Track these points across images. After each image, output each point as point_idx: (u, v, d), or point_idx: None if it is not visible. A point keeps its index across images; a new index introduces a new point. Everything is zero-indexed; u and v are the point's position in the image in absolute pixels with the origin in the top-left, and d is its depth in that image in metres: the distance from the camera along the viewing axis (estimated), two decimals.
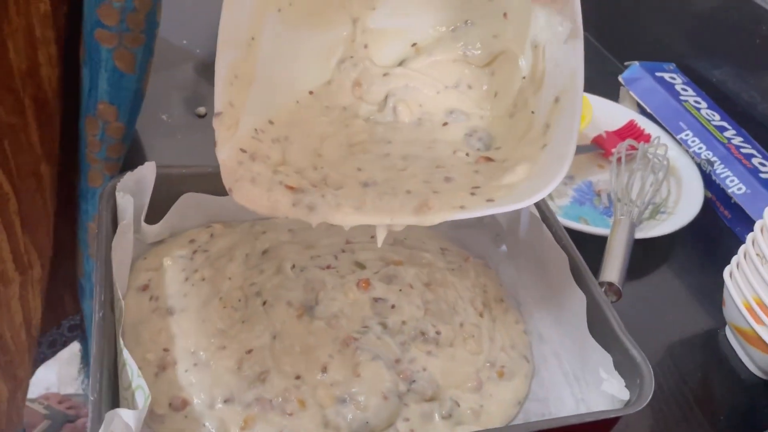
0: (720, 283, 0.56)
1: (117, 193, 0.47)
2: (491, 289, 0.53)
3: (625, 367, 0.44)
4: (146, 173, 0.49)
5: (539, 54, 0.41)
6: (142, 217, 0.50)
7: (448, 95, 0.47)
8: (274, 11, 0.43)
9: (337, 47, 0.47)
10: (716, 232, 0.69)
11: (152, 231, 0.51)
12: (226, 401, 0.42)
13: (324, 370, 0.44)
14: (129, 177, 0.48)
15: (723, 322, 0.58)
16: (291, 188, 0.40)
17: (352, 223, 0.39)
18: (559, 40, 0.39)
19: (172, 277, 0.49)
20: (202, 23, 0.79)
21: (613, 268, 0.55)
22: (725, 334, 0.59)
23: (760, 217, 0.64)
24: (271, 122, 0.45)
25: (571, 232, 0.52)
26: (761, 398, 0.55)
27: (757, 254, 0.52)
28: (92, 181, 0.58)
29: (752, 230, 0.54)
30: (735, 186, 0.68)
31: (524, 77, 0.43)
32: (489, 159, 0.43)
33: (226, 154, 0.40)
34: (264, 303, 0.48)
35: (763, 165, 0.70)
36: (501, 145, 0.44)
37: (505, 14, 0.45)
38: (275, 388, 0.42)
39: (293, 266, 0.51)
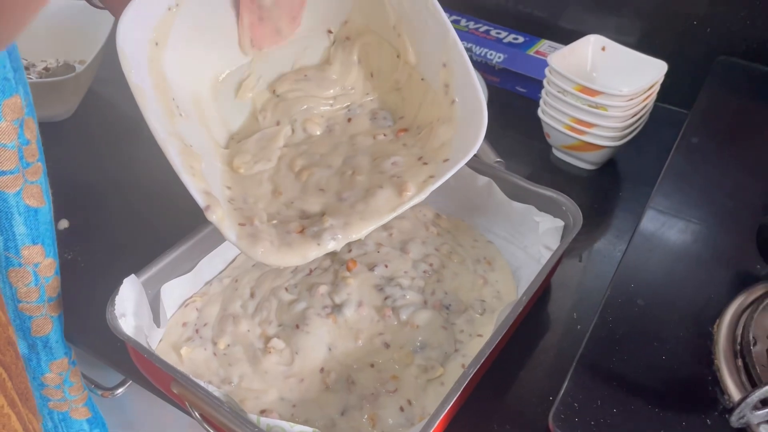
0: (521, 126, 0.76)
1: (119, 320, 0.49)
2: (442, 221, 0.67)
3: (548, 207, 0.61)
4: (131, 290, 0.51)
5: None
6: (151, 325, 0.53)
7: (337, 98, 0.56)
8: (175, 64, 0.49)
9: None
10: (496, 94, 0.89)
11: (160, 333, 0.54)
12: None
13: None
14: (119, 301, 0.50)
15: (548, 148, 0.79)
16: (300, 233, 0.48)
17: (366, 232, 0.47)
18: None
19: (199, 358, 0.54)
20: None
21: (487, 151, 0.71)
22: (555, 155, 0.79)
23: (525, 71, 0.85)
24: (228, 187, 0.51)
25: None
26: (601, 178, 0.77)
27: (558, 91, 0.71)
28: (38, 331, 0.57)
29: (519, 83, 0.75)
30: (495, 57, 0.88)
31: (398, 56, 0.54)
32: (404, 130, 0.54)
33: (235, 235, 0.46)
34: (297, 326, 0.55)
35: (499, 33, 0.91)
36: (403, 114, 0.55)
37: None
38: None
39: (287, 288, 0.58)
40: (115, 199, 0.73)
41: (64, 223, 0.68)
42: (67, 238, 0.67)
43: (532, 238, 0.63)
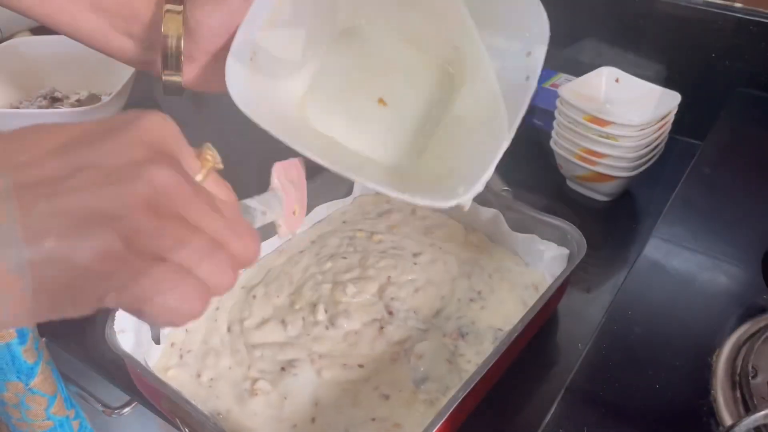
0: (536, 156, 0.77)
1: (118, 335, 0.50)
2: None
3: (554, 235, 0.61)
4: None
5: None
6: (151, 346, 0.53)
7: None
8: None
9: None
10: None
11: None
12: None
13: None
14: (120, 317, 0.51)
15: (563, 179, 0.78)
16: None
17: None
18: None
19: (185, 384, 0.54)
20: None
21: (494, 179, 0.71)
22: (569, 187, 0.79)
23: (540, 103, 0.85)
24: None
25: None
26: (614, 210, 0.76)
27: (569, 121, 0.71)
28: None
29: (535, 116, 0.78)
30: None
31: None
32: None
33: None
34: (282, 369, 0.55)
35: None
36: None
37: None
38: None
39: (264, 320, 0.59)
40: None
41: None
42: None
43: (538, 267, 0.62)
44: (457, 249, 0.65)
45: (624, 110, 0.75)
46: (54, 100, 0.90)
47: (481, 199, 0.65)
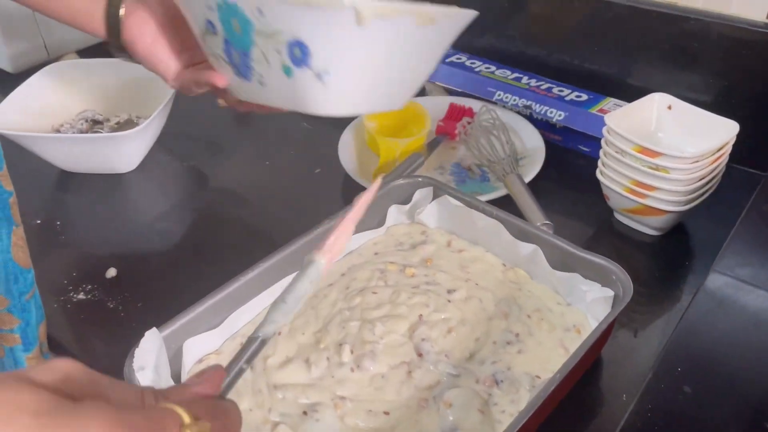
0: (582, 186, 0.73)
1: (137, 373, 0.49)
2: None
3: (598, 274, 0.57)
4: (152, 343, 0.51)
5: None
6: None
7: None
8: None
9: None
10: (557, 153, 0.85)
11: None
12: None
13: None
14: (139, 354, 0.50)
15: (610, 210, 0.74)
16: None
17: None
18: None
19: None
20: None
21: (535, 212, 0.67)
22: (616, 219, 0.74)
23: (587, 130, 0.81)
24: None
25: None
26: (666, 245, 0.71)
27: (616, 151, 0.67)
28: None
29: (581, 142, 0.71)
30: (555, 115, 0.84)
31: None
32: None
33: None
34: (304, 413, 0.52)
35: (561, 91, 0.87)
36: None
37: None
38: None
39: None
40: (164, 250, 0.74)
41: (111, 272, 0.70)
42: (113, 287, 0.68)
43: (580, 307, 0.58)
44: (494, 286, 0.62)
45: (677, 140, 0.71)
46: (95, 123, 0.91)
47: (520, 234, 0.62)
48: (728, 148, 0.67)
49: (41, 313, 0.61)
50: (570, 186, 0.81)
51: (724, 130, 0.67)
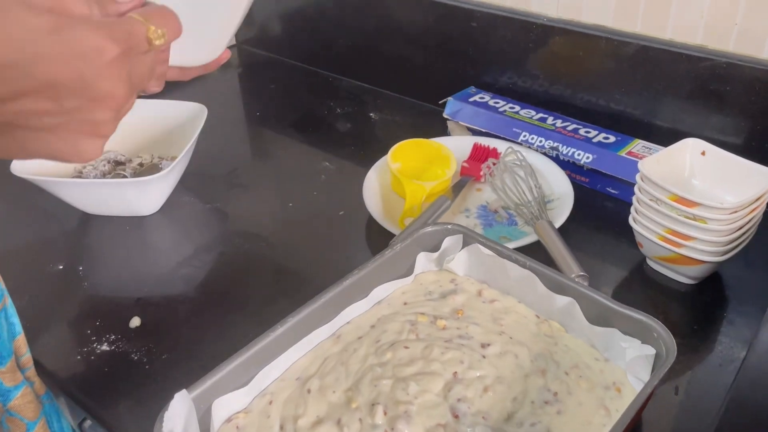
0: (613, 229, 0.73)
1: None
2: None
3: (637, 330, 0.55)
4: (181, 405, 0.49)
5: None
6: None
7: None
8: None
9: None
10: (584, 195, 0.84)
11: None
12: None
13: None
14: (168, 417, 0.48)
15: (642, 256, 0.72)
16: None
17: None
18: None
19: None
20: None
21: (570, 262, 0.66)
22: (649, 265, 0.72)
23: (615, 173, 0.80)
24: None
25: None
26: (701, 294, 0.69)
27: (650, 199, 0.66)
28: None
29: (609, 184, 0.72)
30: (583, 157, 0.83)
31: None
32: None
33: None
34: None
35: (588, 132, 0.86)
36: None
37: None
38: None
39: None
40: (188, 296, 0.73)
41: (135, 321, 0.69)
42: (137, 337, 0.67)
43: (619, 363, 0.56)
44: (529, 340, 0.60)
45: (711, 187, 0.69)
46: (117, 164, 0.90)
47: (554, 286, 0.60)
48: (766, 197, 0.65)
49: (15, 327, 0.60)
50: (599, 229, 0.80)
51: (760, 178, 0.65)
